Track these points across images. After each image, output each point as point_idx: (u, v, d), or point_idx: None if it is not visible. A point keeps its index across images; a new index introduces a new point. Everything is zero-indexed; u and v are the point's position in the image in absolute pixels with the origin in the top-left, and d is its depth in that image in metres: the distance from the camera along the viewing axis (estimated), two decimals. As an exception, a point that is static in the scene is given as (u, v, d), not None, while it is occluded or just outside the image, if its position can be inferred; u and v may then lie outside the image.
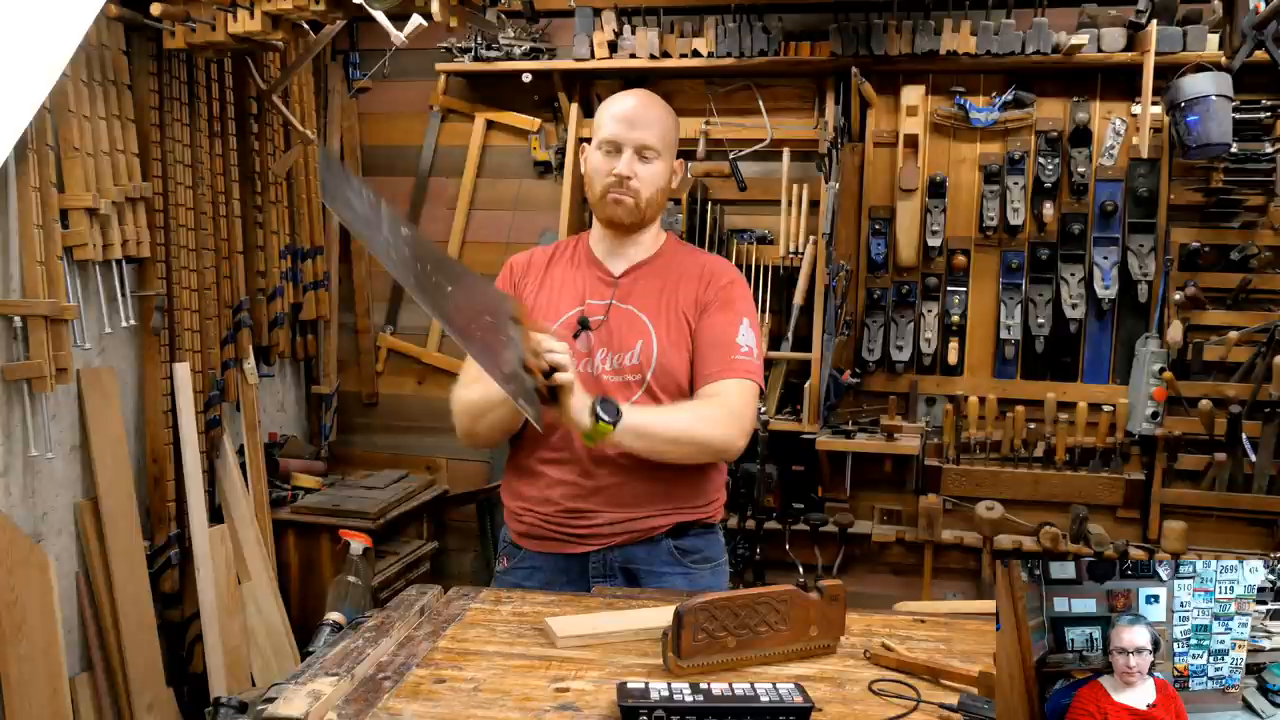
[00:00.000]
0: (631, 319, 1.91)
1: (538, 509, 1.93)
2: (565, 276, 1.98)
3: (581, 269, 1.98)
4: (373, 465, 3.92)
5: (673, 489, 1.92)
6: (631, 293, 1.93)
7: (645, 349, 1.89)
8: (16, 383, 2.53)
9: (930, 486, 3.35)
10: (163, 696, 2.91)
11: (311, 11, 2.60)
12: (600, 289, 1.94)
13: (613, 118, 1.90)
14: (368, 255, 3.92)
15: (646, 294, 1.93)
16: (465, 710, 1.30)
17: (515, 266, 2.05)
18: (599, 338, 1.89)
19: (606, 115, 1.91)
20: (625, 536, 1.90)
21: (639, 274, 1.95)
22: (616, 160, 1.88)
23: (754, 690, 1.29)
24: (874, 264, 3.38)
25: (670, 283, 1.95)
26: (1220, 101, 2.82)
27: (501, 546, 2.06)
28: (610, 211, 1.91)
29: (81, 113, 2.61)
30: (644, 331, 1.90)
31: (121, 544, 2.81)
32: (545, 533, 1.93)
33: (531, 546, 1.96)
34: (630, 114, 1.89)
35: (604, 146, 1.89)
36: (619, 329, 1.91)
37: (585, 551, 1.91)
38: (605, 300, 1.93)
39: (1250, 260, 3.10)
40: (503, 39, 3.55)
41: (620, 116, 1.89)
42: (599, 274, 1.96)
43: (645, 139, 1.88)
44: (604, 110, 1.93)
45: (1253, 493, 3.13)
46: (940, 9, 3.21)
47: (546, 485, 1.91)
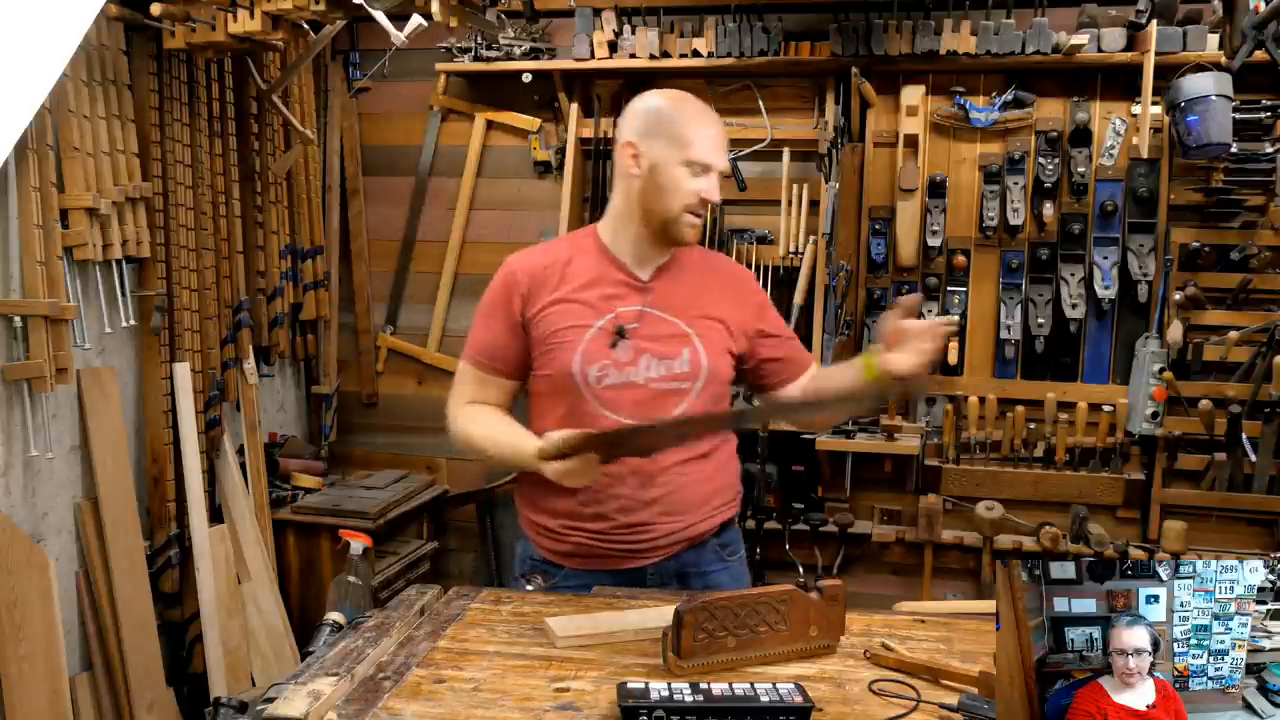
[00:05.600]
0: (670, 326, 1.87)
1: (586, 525, 1.86)
2: (586, 282, 1.88)
3: (604, 274, 1.89)
4: (373, 465, 3.92)
5: (719, 488, 1.93)
6: (663, 298, 1.88)
7: (693, 357, 1.87)
8: (16, 383, 2.53)
9: (930, 486, 3.35)
10: (163, 696, 2.91)
11: (311, 11, 2.60)
12: (628, 294, 1.87)
13: (706, 139, 1.82)
14: (368, 255, 3.93)
15: (678, 300, 1.89)
16: (465, 710, 1.30)
17: (520, 274, 1.91)
18: (641, 345, 1.84)
19: (696, 134, 1.82)
20: (682, 544, 1.89)
21: (665, 278, 1.91)
22: (704, 181, 1.81)
23: (754, 690, 1.29)
24: (874, 264, 3.38)
25: (697, 289, 1.92)
26: (1220, 101, 2.82)
27: (528, 565, 1.97)
28: (683, 232, 1.85)
29: (81, 113, 2.61)
30: (686, 338, 1.87)
31: (121, 544, 2.81)
32: (599, 550, 1.86)
33: (577, 564, 1.89)
34: (721, 137, 1.85)
35: (695, 167, 1.81)
36: (660, 336, 1.86)
37: (643, 565, 1.87)
38: (635, 306, 1.86)
39: (1250, 260, 3.10)
40: (503, 39, 3.55)
41: (714, 139, 1.83)
42: (623, 278, 1.89)
43: (727, 166, 1.87)
44: (687, 126, 1.83)
45: (1253, 493, 3.13)
46: (940, 9, 3.21)
47: (596, 501, 1.84)
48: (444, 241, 3.82)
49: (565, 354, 1.83)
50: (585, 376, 1.82)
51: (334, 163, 3.84)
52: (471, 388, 1.96)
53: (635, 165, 1.84)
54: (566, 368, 1.83)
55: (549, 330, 1.85)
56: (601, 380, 1.83)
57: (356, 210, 3.90)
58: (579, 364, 1.82)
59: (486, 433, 1.92)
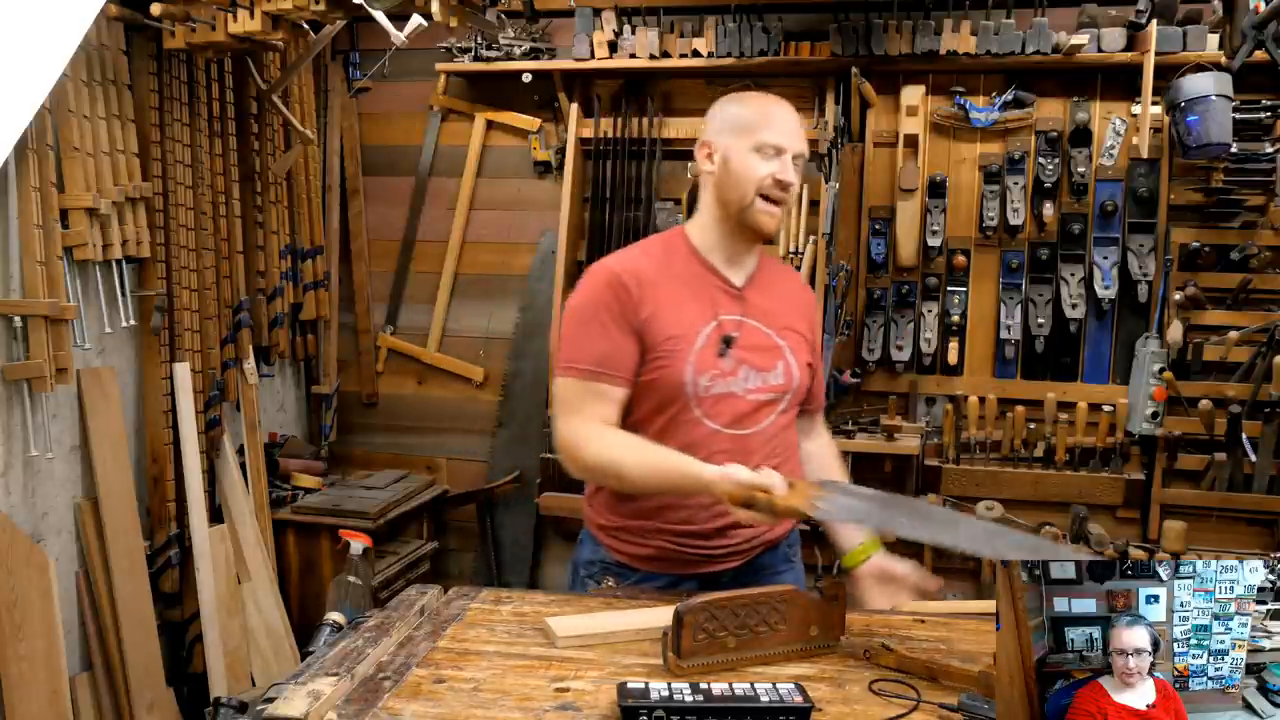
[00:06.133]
0: (765, 337, 1.86)
1: (674, 528, 1.82)
2: (686, 285, 1.82)
3: (701, 277, 1.84)
4: (373, 465, 3.92)
5: None
6: (756, 308, 1.86)
7: (786, 369, 1.86)
8: (16, 383, 2.53)
9: (930, 486, 3.35)
10: (163, 696, 2.91)
11: (311, 11, 2.59)
12: (726, 302, 1.83)
13: (776, 121, 1.79)
14: (368, 255, 3.93)
15: (766, 310, 1.87)
16: (465, 710, 1.30)
17: (626, 278, 1.79)
18: (741, 355, 1.81)
19: (762, 117, 1.79)
20: (760, 548, 1.88)
21: (755, 287, 1.88)
22: (776, 163, 1.77)
23: (754, 690, 1.29)
24: (874, 264, 3.38)
25: (781, 299, 1.91)
26: (1220, 101, 2.82)
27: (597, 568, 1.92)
28: (760, 219, 1.79)
29: (81, 113, 2.61)
30: (779, 350, 1.86)
31: (121, 544, 2.81)
32: (683, 555, 1.84)
33: (657, 569, 1.85)
34: (794, 122, 1.80)
35: (765, 150, 1.76)
36: (759, 347, 1.84)
37: (722, 570, 1.86)
38: (735, 315, 1.83)
39: (1250, 260, 3.10)
40: (503, 39, 3.55)
41: (782, 121, 1.79)
42: (720, 284, 1.84)
43: (804, 149, 1.82)
44: (755, 113, 1.80)
45: (1253, 493, 3.13)
46: (940, 9, 3.21)
47: (685, 508, 1.81)
48: (444, 241, 3.82)
49: (678, 362, 1.78)
50: (696, 386, 1.78)
51: (334, 163, 3.84)
52: (596, 405, 1.78)
53: (709, 162, 1.83)
54: (679, 377, 1.78)
55: (660, 337, 1.78)
56: (709, 390, 1.79)
57: (356, 210, 3.90)
58: (691, 373, 1.78)
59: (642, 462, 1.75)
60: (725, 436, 1.80)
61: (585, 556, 1.96)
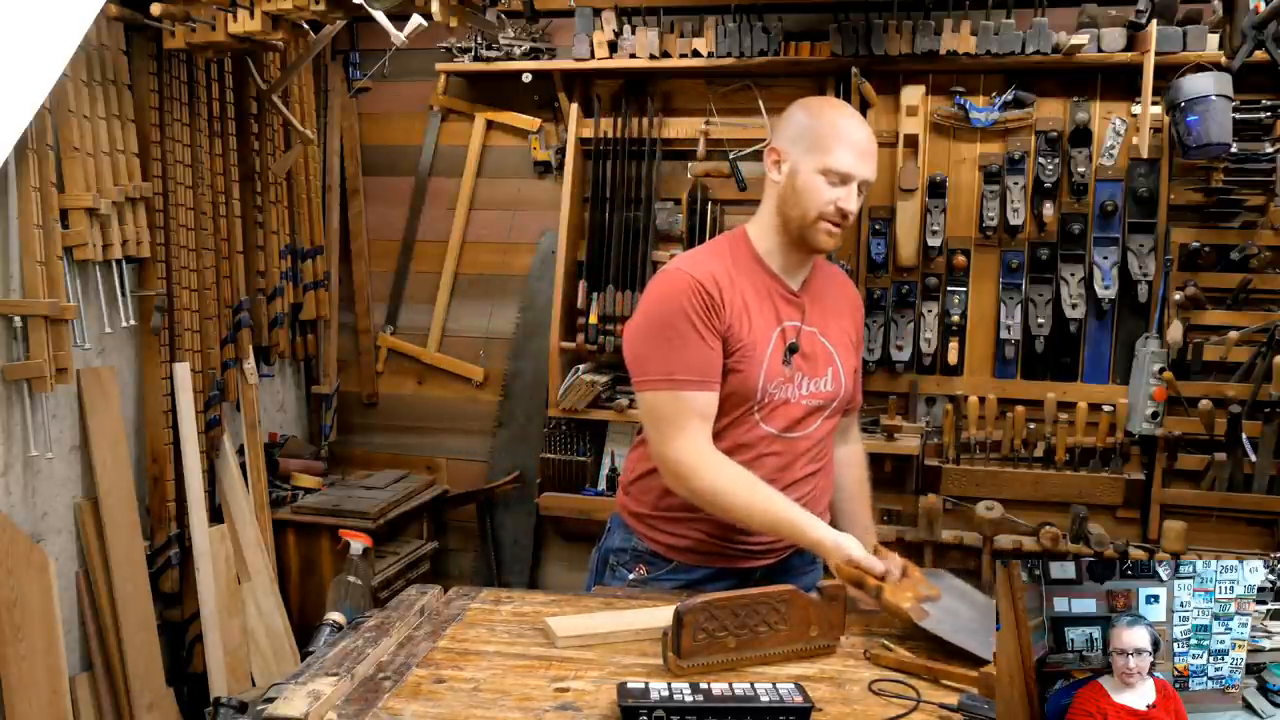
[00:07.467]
0: (819, 344, 1.88)
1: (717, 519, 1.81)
2: (754, 289, 1.83)
3: (764, 282, 1.85)
4: (373, 465, 3.92)
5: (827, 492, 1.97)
6: (813, 315, 1.88)
7: (835, 376, 1.88)
8: (16, 383, 2.53)
9: (930, 486, 3.35)
10: (163, 696, 2.91)
11: (311, 11, 2.59)
12: (787, 308, 1.86)
13: (847, 147, 1.77)
14: (368, 255, 3.93)
15: (821, 316, 1.89)
16: (465, 710, 1.30)
17: (708, 283, 1.78)
18: (798, 362, 1.83)
19: (837, 141, 1.77)
20: (793, 548, 1.90)
21: (810, 293, 1.90)
22: (841, 191, 1.77)
23: (754, 690, 1.29)
24: (874, 264, 3.38)
25: (832, 304, 1.93)
26: (1220, 101, 2.82)
27: (628, 555, 1.93)
28: (819, 239, 1.81)
29: (81, 113, 2.61)
30: (830, 358, 1.88)
31: (121, 544, 2.81)
32: (721, 550, 1.86)
33: (692, 560, 1.88)
34: (866, 146, 1.79)
35: (832, 176, 1.76)
36: (814, 354, 1.86)
37: (755, 566, 1.88)
38: (795, 321, 1.85)
39: (1250, 260, 3.10)
40: (503, 39, 3.55)
41: (856, 147, 1.78)
42: (780, 289, 1.86)
43: (872, 175, 1.81)
44: (832, 132, 1.78)
45: (1253, 493, 3.13)
46: (940, 9, 3.21)
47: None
48: (444, 241, 3.82)
49: (752, 369, 1.79)
50: (764, 392, 1.81)
51: (334, 163, 3.84)
52: (697, 421, 1.76)
53: (776, 170, 1.83)
54: (752, 383, 1.79)
55: (738, 344, 1.79)
56: (773, 396, 1.82)
57: (356, 210, 3.90)
58: (762, 380, 1.80)
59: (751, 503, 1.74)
60: (777, 440, 1.84)
61: (615, 544, 1.97)
